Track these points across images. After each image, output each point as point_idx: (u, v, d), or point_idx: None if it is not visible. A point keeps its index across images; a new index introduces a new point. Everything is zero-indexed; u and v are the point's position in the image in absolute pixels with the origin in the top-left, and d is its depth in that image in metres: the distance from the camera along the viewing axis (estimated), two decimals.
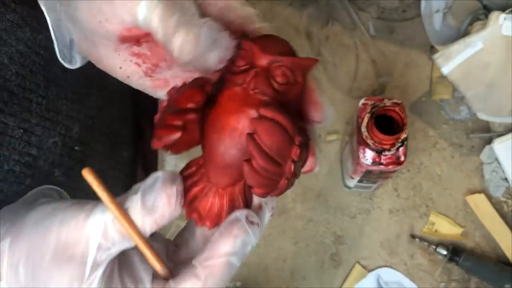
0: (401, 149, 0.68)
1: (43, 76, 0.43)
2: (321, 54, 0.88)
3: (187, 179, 0.34)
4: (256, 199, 0.34)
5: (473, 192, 0.83)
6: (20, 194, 0.39)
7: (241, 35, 0.34)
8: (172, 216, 0.31)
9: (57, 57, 0.38)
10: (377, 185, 0.79)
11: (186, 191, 0.33)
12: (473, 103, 0.80)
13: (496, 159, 0.81)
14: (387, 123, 0.67)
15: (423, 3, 0.84)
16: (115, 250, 0.31)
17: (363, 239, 0.83)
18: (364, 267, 0.82)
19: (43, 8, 0.37)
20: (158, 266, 0.32)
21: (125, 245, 0.31)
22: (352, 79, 0.87)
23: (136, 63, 0.35)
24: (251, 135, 0.31)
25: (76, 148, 0.49)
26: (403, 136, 0.67)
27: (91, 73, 0.37)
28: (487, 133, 0.83)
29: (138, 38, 0.34)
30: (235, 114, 0.32)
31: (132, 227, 0.30)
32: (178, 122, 0.32)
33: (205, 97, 0.33)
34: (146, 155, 0.82)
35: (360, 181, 0.77)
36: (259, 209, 0.34)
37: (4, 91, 0.39)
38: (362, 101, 0.70)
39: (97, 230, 0.30)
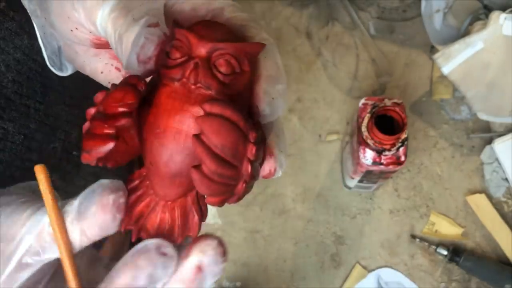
0: (401, 149, 0.68)
1: (40, 83, 0.43)
2: (321, 54, 0.88)
3: (130, 194, 0.29)
4: (194, 261, 0.27)
5: (473, 192, 0.83)
6: None
7: (173, 23, 0.30)
8: (104, 229, 0.27)
9: None
10: (377, 185, 0.79)
11: (130, 208, 0.29)
12: (473, 103, 0.80)
13: (497, 159, 0.81)
14: (387, 123, 0.67)
15: (423, 3, 0.84)
16: (46, 257, 0.28)
17: (363, 239, 0.83)
18: (364, 267, 0.82)
19: (29, 12, 0.36)
20: (72, 285, 0.27)
21: (56, 254, 0.27)
22: (352, 79, 0.87)
23: (116, 68, 0.34)
24: (197, 137, 0.26)
25: (74, 153, 0.49)
26: (404, 136, 0.67)
27: (88, 77, 0.37)
28: (488, 133, 0.83)
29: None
30: (177, 114, 0.27)
31: (62, 234, 0.27)
32: (109, 130, 0.27)
33: (138, 98, 0.28)
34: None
35: (360, 181, 0.76)
36: (198, 273, 0.27)
37: (1, 98, 0.39)
38: (362, 101, 0.70)
39: (32, 231, 0.27)
